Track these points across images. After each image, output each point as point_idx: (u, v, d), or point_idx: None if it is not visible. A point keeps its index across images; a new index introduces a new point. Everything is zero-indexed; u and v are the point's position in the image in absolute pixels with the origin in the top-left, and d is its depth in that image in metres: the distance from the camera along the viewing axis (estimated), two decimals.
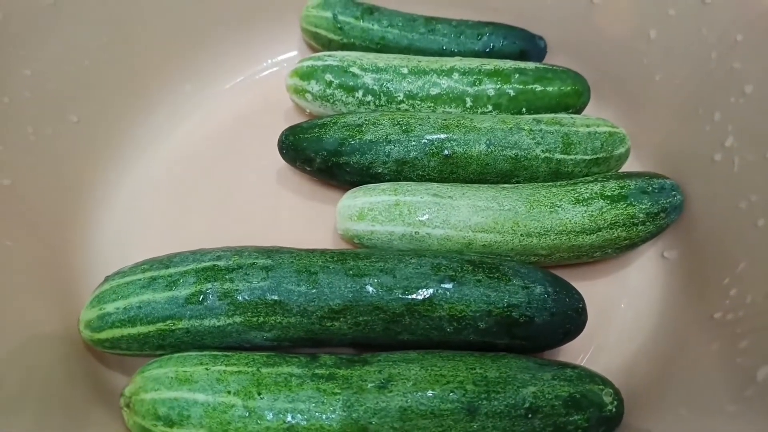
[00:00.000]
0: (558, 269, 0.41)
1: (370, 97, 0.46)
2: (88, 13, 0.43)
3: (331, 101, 0.47)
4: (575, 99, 0.47)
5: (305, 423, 0.31)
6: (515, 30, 0.51)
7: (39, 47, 0.40)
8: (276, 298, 0.34)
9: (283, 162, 0.47)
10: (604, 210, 0.38)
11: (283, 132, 0.45)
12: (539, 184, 0.41)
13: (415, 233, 0.39)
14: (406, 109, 0.46)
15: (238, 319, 0.34)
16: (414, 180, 0.42)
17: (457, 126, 0.42)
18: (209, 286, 0.34)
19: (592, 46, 0.50)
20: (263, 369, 0.33)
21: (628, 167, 0.45)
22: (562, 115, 0.44)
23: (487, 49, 0.51)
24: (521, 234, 0.38)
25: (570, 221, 0.38)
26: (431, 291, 0.34)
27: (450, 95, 0.46)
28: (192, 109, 0.52)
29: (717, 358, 0.31)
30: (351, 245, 0.42)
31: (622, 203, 0.39)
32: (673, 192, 0.40)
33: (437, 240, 0.39)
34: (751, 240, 0.34)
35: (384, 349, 0.35)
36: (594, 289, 0.37)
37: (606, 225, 0.38)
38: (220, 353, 0.34)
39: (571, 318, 0.35)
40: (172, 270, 0.35)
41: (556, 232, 0.38)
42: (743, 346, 0.30)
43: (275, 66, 0.56)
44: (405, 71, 0.46)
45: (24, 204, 0.39)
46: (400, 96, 0.46)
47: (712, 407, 0.29)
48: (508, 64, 0.47)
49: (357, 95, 0.46)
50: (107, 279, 0.36)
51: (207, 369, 0.33)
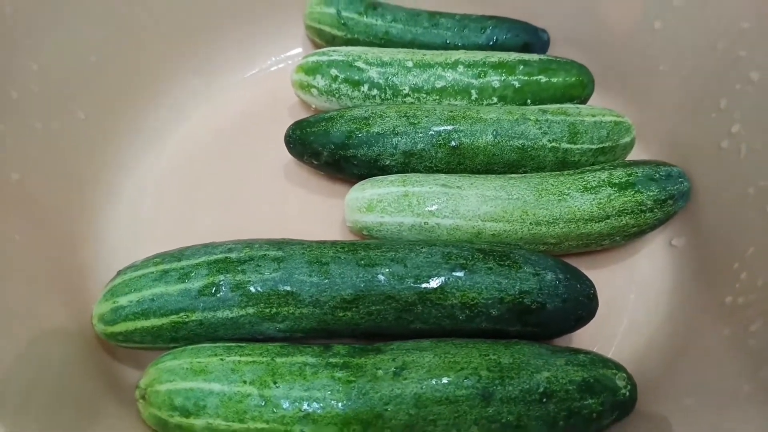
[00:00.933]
0: (567, 258, 0.41)
1: (375, 91, 0.47)
2: (94, 9, 0.43)
3: (337, 96, 0.47)
4: (580, 90, 0.47)
5: (321, 411, 0.31)
6: (518, 23, 0.52)
7: (45, 42, 0.40)
8: (288, 288, 0.35)
9: (289, 157, 0.47)
10: (612, 197, 0.39)
11: (290, 126, 0.45)
12: (547, 173, 0.41)
13: (425, 224, 0.39)
14: (411, 102, 0.46)
15: (250, 311, 0.35)
16: (421, 171, 0.43)
17: (464, 117, 0.42)
18: (221, 278, 0.35)
19: (595, 37, 0.50)
20: (277, 359, 0.33)
21: (633, 157, 0.46)
22: (567, 105, 0.45)
23: (491, 43, 0.51)
24: (530, 223, 0.38)
25: (578, 209, 0.38)
26: (443, 279, 0.34)
27: (455, 88, 0.46)
28: (197, 106, 0.52)
29: (729, 342, 0.32)
30: (360, 237, 0.42)
31: (629, 190, 0.39)
32: (681, 179, 0.40)
33: (446, 230, 0.39)
34: (760, 225, 0.34)
35: (396, 339, 0.35)
36: (603, 278, 0.37)
37: (614, 212, 0.39)
38: (233, 344, 0.34)
39: (583, 304, 0.35)
40: (184, 263, 0.35)
41: (564, 220, 0.38)
42: (755, 328, 0.30)
43: (279, 63, 0.56)
44: (410, 65, 0.47)
45: (33, 199, 0.39)
46: (405, 89, 0.46)
47: (727, 389, 0.29)
48: (512, 56, 0.47)
49: (362, 89, 0.47)
50: (119, 273, 0.36)
51: (221, 360, 0.33)
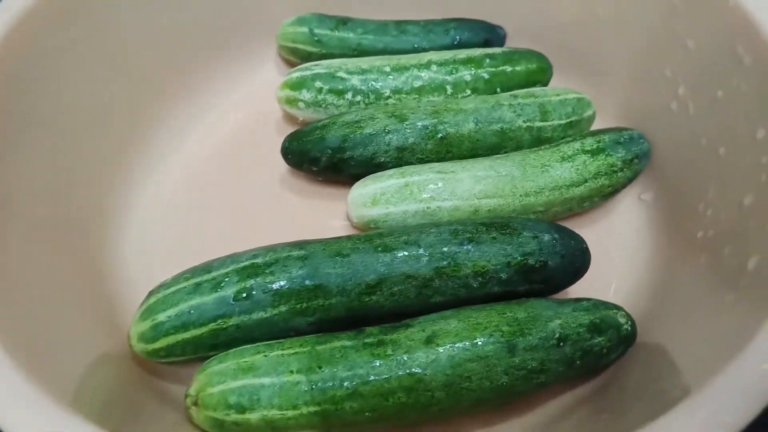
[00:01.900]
0: None
1: (359, 97, 0.50)
2: (85, 57, 0.45)
3: (323, 106, 0.51)
4: (541, 75, 0.52)
5: (367, 385, 0.34)
6: (478, 22, 0.56)
7: (50, 88, 0.42)
8: (316, 282, 0.37)
9: (283, 168, 0.50)
10: (587, 163, 0.43)
11: (286, 139, 0.48)
12: (527, 150, 0.46)
13: (427, 208, 0.42)
14: (394, 104, 0.50)
15: (283, 308, 0.37)
16: (415, 164, 0.46)
17: (446, 110, 0.47)
18: (252, 282, 0.37)
19: (546, 28, 0.55)
20: (317, 347, 0.35)
21: (595, 127, 0.51)
22: (534, 89, 0.49)
23: (455, 42, 0.55)
24: (520, 195, 0.43)
25: (560, 177, 0.43)
26: (454, 253, 0.38)
27: (432, 85, 0.50)
28: (189, 132, 0.54)
29: (706, 267, 0.37)
30: (366, 231, 0.46)
31: (601, 155, 0.44)
32: (641, 140, 0.46)
33: (447, 211, 0.43)
34: (717, 167, 0.39)
35: (420, 315, 0.38)
36: (588, 237, 0.42)
37: (591, 176, 0.43)
38: (272, 342, 0.37)
39: (578, 257, 0.39)
40: (214, 273, 0.38)
41: (549, 188, 0.43)
42: (728, 251, 0.35)
43: (258, 83, 0.59)
44: (388, 69, 0.51)
45: (51, 232, 0.40)
46: (386, 92, 0.50)
47: (711, 305, 0.34)
48: (477, 51, 0.52)
49: (347, 97, 0.50)
50: (151, 293, 0.38)
51: (265, 356, 0.35)
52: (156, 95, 0.52)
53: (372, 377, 0.34)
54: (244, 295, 0.37)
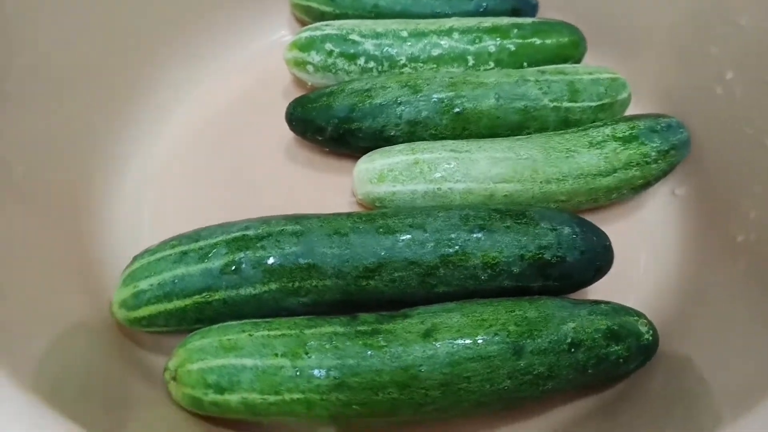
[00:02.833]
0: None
1: (372, 64, 0.46)
2: (80, 5, 0.42)
3: (333, 71, 0.47)
4: (573, 50, 0.48)
5: (356, 377, 0.31)
6: None
7: (36, 34, 0.39)
8: (310, 261, 0.34)
9: (289, 136, 0.47)
10: (618, 151, 0.39)
11: (290, 104, 0.45)
12: (552, 132, 0.42)
13: (438, 189, 0.39)
14: (409, 73, 0.46)
15: (273, 286, 0.34)
16: (427, 140, 0.43)
17: (465, 83, 0.43)
18: (242, 255, 0.34)
19: None
20: (306, 330, 0.33)
21: (630, 112, 0.46)
22: (564, 66, 0.45)
23: (480, 9, 0.51)
24: (540, 181, 0.39)
25: (587, 164, 0.39)
26: (463, 241, 0.35)
27: (452, 55, 0.46)
28: (192, 92, 0.51)
29: (745, 274, 0.33)
30: (370, 209, 0.42)
31: (634, 143, 0.40)
32: (680, 129, 0.41)
33: (459, 194, 0.39)
34: (764, 161, 0.35)
35: (421, 305, 0.35)
36: (613, 232, 0.38)
37: (621, 165, 0.39)
38: (260, 320, 0.34)
39: (600, 254, 0.36)
40: (202, 243, 0.35)
41: (573, 176, 0.39)
42: None
43: (267, 44, 0.55)
44: (405, 34, 0.47)
45: (37, 193, 0.38)
46: (402, 60, 0.46)
47: (750, 316, 0.30)
48: (505, 20, 0.48)
49: (359, 62, 0.46)
50: (136, 258, 0.36)
51: (250, 335, 0.32)
52: (155, 52, 0.49)
53: (362, 369, 0.31)
54: (232, 269, 0.34)
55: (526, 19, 0.48)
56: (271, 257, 0.34)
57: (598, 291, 0.39)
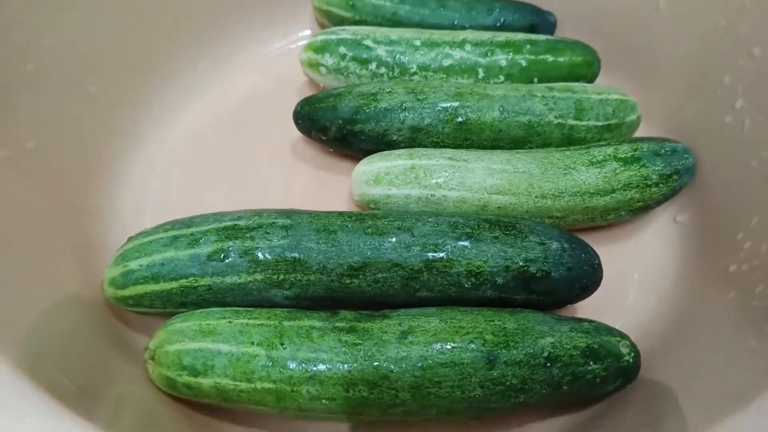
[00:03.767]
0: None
1: (383, 69, 0.47)
2: None
3: (345, 74, 0.48)
4: (586, 69, 0.48)
5: (327, 372, 0.31)
6: (525, 5, 0.52)
7: (60, 18, 0.41)
8: (296, 255, 0.35)
9: (298, 135, 0.48)
10: (617, 171, 0.39)
11: (299, 103, 0.46)
12: (553, 148, 0.42)
13: (431, 195, 0.39)
14: (418, 80, 0.47)
15: (258, 277, 0.35)
16: (428, 147, 0.43)
17: (471, 93, 0.43)
18: (230, 244, 0.35)
19: (600, 18, 0.50)
20: (285, 322, 0.33)
21: (639, 135, 0.46)
22: (574, 84, 0.45)
23: (498, 24, 0.51)
24: (536, 196, 0.39)
25: (584, 182, 0.39)
26: (449, 248, 0.35)
27: (462, 66, 0.47)
28: (207, 85, 0.53)
29: (733, 305, 0.32)
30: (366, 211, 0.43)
31: (635, 165, 0.39)
32: (686, 155, 0.41)
33: (453, 202, 0.39)
34: (764, 194, 0.34)
35: (402, 307, 0.35)
36: (608, 254, 0.38)
37: (620, 186, 0.39)
38: (242, 309, 0.35)
39: (588, 273, 0.35)
40: (193, 229, 0.36)
41: (570, 193, 0.39)
42: (759, 290, 0.30)
43: (288, 45, 0.57)
44: (418, 43, 0.47)
45: (47, 168, 0.39)
46: (413, 68, 0.47)
47: (732, 349, 0.30)
48: (519, 35, 0.48)
49: (370, 67, 0.47)
50: (130, 239, 0.37)
51: (230, 322, 0.33)
52: (175, 45, 0.51)
53: (334, 364, 0.31)
54: (220, 256, 0.35)
55: (540, 36, 0.48)
56: (259, 248, 0.35)
57: (587, 310, 0.38)
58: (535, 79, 0.47)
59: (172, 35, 0.50)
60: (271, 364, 0.31)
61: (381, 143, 0.43)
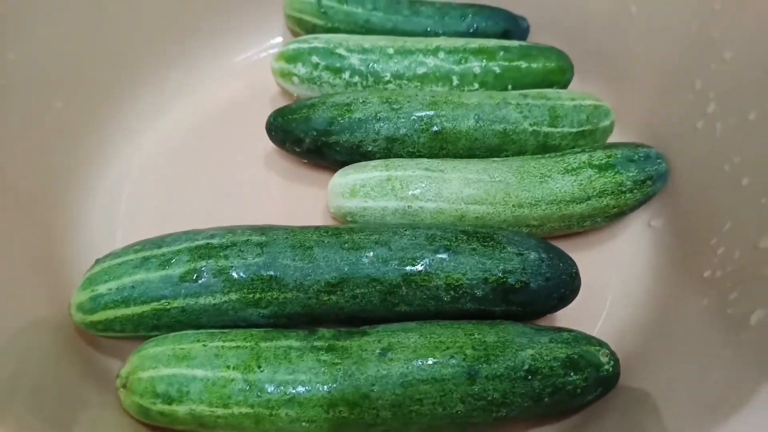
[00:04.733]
0: (549, 241, 0.41)
1: (357, 78, 0.47)
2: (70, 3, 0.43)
3: (318, 83, 0.47)
4: (559, 75, 0.48)
5: (306, 393, 0.31)
6: (498, 11, 0.52)
7: (24, 32, 0.39)
8: (272, 273, 0.34)
9: (271, 147, 0.47)
10: (593, 178, 0.39)
11: (271, 114, 0.45)
12: (528, 156, 0.42)
13: (408, 207, 0.39)
14: (392, 89, 0.46)
15: (234, 296, 0.34)
16: (404, 157, 0.43)
17: (446, 102, 0.43)
18: (203, 263, 0.34)
19: (573, 24, 0.51)
20: (262, 343, 0.32)
21: (612, 141, 0.46)
22: (547, 90, 0.45)
23: (471, 30, 0.51)
24: (513, 205, 0.39)
25: (560, 191, 0.39)
26: (427, 261, 0.34)
27: (436, 74, 0.46)
28: (177, 97, 0.51)
29: (708, 311, 0.32)
30: (343, 224, 0.42)
31: (609, 171, 0.39)
32: (659, 160, 0.41)
33: (430, 214, 0.39)
34: (737, 199, 0.35)
35: (382, 323, 0.35)
36: (584, 261, 0.38)
37: (595, 193, 0.39)
38: (217, 331, 0.34)
39: (566, 282, 0.35)
40: (165, 249, 0.35)
41: (546, 201, 0.39)
42: (733, 297, 0.31)
43: (260, 53, 0.56)
44: (391, 51, 0.47)
45: (11, 188, 0.38)
46: (387, 76, 0.46)
47: (707, 356, 0.30)
48: (492, 42, 0.48)
49: (344, 76, 0.47)
50: (98, 261, 0.36)
51: (204, 345, 0.32)
52: (144, 55, 0.49)
53: (314, 386, 0.31)
54: (193, 277, 0.34)
55: (514, 42, 0.48)
56: (234, 267, 0.34)
57: (564, 318, 0.38)
58: (510, 86, 0.47)
59: (139, 45, 0.49)
60: (249, 387, 0.31)
61: (356, 154, 0.43)
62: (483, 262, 0.34)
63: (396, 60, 0.46)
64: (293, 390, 0.31)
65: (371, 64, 0.46)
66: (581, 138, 0.44)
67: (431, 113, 0.42)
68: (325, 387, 0.31)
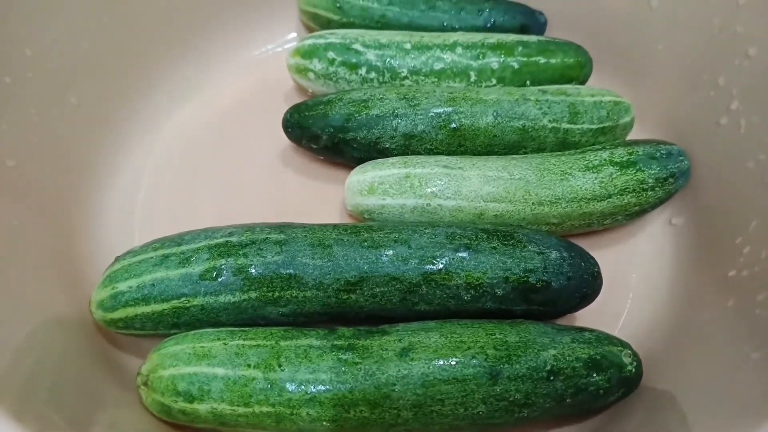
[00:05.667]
0: (568, 239, 0.41)
1: (373, 74, 0.46)
2: None
3: (334, 79, 0.47)
4: (578, 71, 0.47)
5: (327, 393, 0.30)
6: (515, 5, 0.51)
7: (40, 27, 0.39)
8: (291, 272, 0.34)
9: (286, 143, 0.47)
10: (614, 176, 0.38)
11: (288, 110, 0.45)
12: (548, 153, 0.41)
13: (427, 205, 0.38)
14: (410, 85, 0.46)
15: (253, 295, 0.34)
16: (422, 154, 0.42)
17: (464, 98, 0.42)
18: (223, 262, 0.34)
19: (592, 18, 0.50)
20: (282, 342, 0.32)
21: (632, 137, 0.45)
22: (567, 86, 0.44)
23: (488, 25, 0.50)
24: (532, 203, 0.38)
25: (581, 188, 0.38)
26: (447, 260, 0.34)
27: (454, 70, 0.46)
28: (192, 93, 0.51)
29: (734, 312, 0.32)
30: (360, 221, 0.42)
31: (631, 169, 0.39)
32: (681, 157, 0.40)
33: (449, 211, 0.38)
34: (763, 198, 0.34)
35: (401, 321, 0.34)
36: (605, 259, 0.37)
37: (616, 191, 0.38)
38: (236, 329, 0.34)
39: (588, 282, 0.35)
40: (184, 247, 0.35)
41: (567, 199, 0.38)
42: (762, 298, 0.30)
43: (275, 48, 0.55)
44: (408, 47, 0.46)
45: (29, 186, 0.38)
46: (403, 72, 0.46)
47: (735, 358, 0.29)
48: (510, 37, 0.47)
49: (360, 72, 0.46)
50: (118, 259, 0.36)
51: (225, 344, 0.32)
52: (159, 51, 0.49)
53: (334, 385, 0.31)
54: (212, 275, 0.34)
55: (532, 37, 0.48)
56: (253, 265, 0.34)
57: (585, 317, 0.38)
58: (528, 82, 0.46)
59: (154, 42, 0.49)
60: (269, 386, 0.31)
61: (374, 151, 0.42)
62: (504, 260, 0.34)
63: (413, 55, 0.46)
64: (314, 389, 0.31)
65: (388, 59, 0.46)
66: (601, 135, 0.43)
67: (449, 110, 0.42)
68: (346, 386, 0.31)
